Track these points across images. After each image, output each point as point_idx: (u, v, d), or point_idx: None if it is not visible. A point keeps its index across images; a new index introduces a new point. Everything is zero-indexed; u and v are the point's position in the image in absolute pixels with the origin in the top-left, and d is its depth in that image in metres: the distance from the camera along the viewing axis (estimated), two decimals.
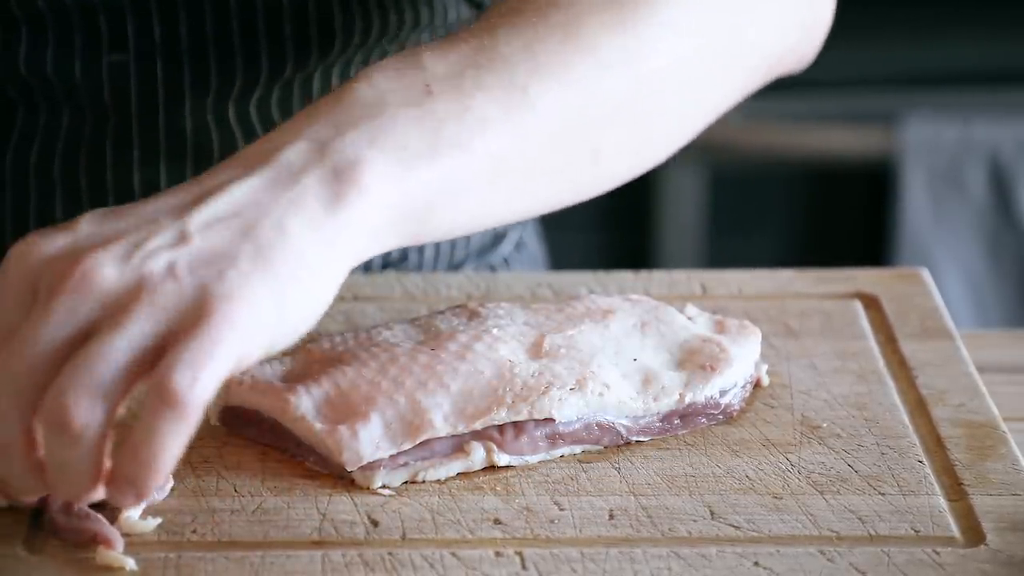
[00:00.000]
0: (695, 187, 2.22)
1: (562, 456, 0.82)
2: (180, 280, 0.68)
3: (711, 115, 0.87)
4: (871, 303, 0.97)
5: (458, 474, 0.80)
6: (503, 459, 0.80)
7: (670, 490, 0.79)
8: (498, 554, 0.74)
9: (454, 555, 0.74)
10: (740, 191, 2.28)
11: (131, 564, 0.73)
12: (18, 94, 1.01)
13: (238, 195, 0.71)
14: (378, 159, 0.73)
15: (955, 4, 2.21)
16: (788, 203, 2.30)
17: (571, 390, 0.81)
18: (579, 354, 0.84)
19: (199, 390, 0.67)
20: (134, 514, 0.76)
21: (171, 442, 0.68)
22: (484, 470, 0.80)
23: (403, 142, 0.74)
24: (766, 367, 0.89)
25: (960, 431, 0.84)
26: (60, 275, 0.68)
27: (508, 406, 0.80)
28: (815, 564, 0.73)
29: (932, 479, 0.80)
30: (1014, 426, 0.85)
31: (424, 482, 0.79)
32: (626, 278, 1.00)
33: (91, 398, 0.67)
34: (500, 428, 0.80)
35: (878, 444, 0.83)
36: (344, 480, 0.79)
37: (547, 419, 0.81)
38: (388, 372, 0.81)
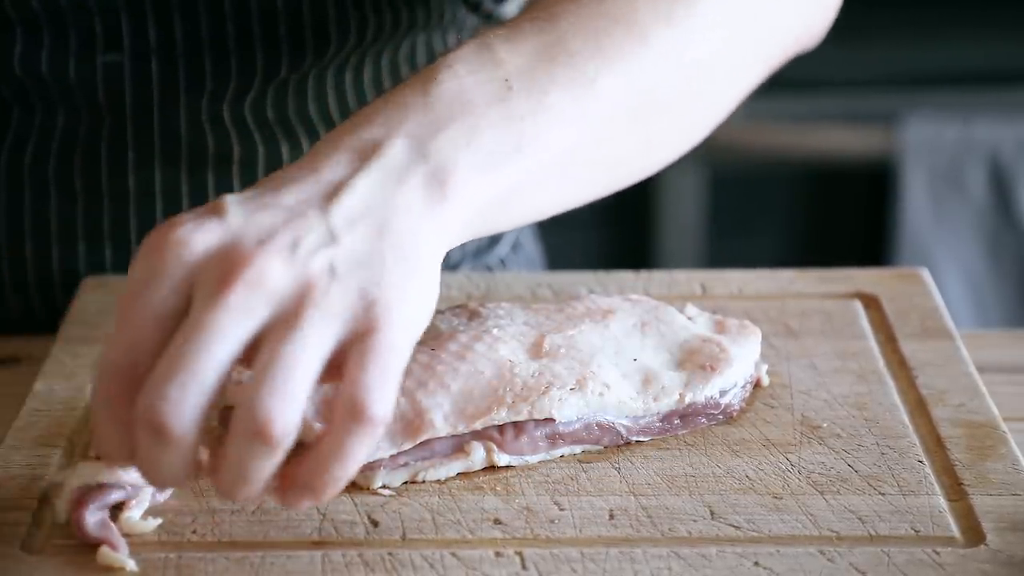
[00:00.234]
0: (695, 187, 2.22)
1: (562, 456, 0.82)
2: (342, 282, 0.69)
3: (739, 100, 0.90)
4: (871, 303, 0.97)
5: (458, 474, 0.80)
6: (503, 459, 0.80)
7: (670, 490, 0.79)
8: (498, 554, 0.74)
9: (454, 555, 0.74)
10: (740, 191, 2.28)
11: (132, 565, 0.73)
12: (13, 94, 1.01)
13: (364, 193, 0.72)
14: (470, 161, 0.75)
15: (955, 4, 2.21)
16: (788, 203, 2.30)
17: (571, 390, 0.81)
18: (579, 354, 0.84)
19: (389, 405, 0.69)
20: (134, 514, 0.76)
21: (361, 456, 0.69)
22: (484, 470, 0.80)
23: (490, 144, 0.76)
24: (766, 367, 0.89)
25: (960, 431, 0.84)
26: (229, 270, 0.68)
27: (508, 406, 0.80)
28: (815, 564, 0.73)
29: (932, 479, 0.80)
30: (1014, 426, 0.85)
31: (424, 482, 0.79)
32: (626, 278, 1.00)
33: (287, 405, 0.67)
34: (500, 428, 0.80)
35: (878, 444, 0.83)
36: None
37: (547, 419, 0.81)
38: None
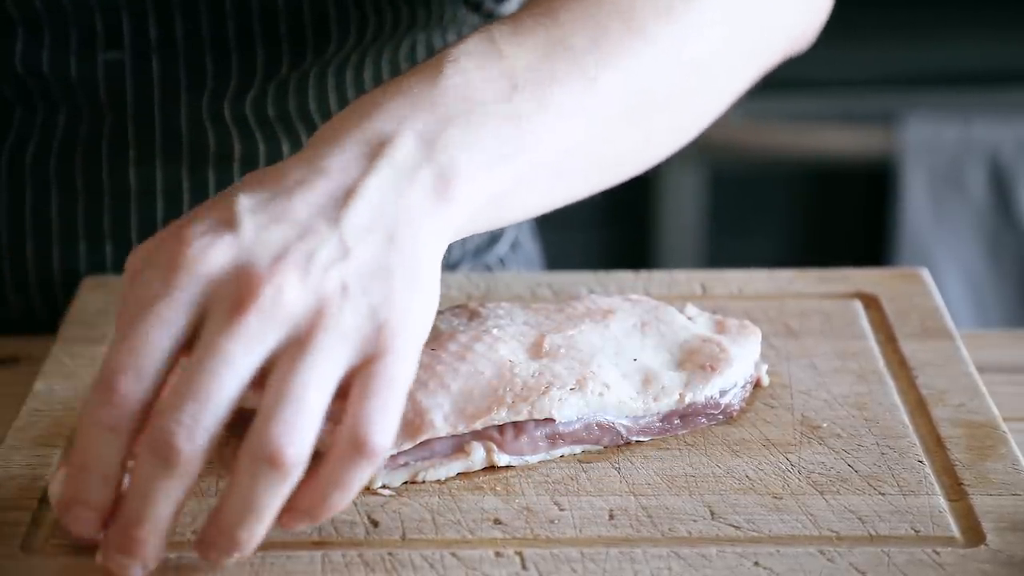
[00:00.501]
0: (695, 187, 2.22)
1: (562, 456, 0.82)
2: (354, 301, 0.69)
3: (735, 98, 0.91)
4: (871, 303, 0.97)
5: (458, 474, 0.80)
6: (503, 459, 0.80)
7: (670, 490, 0.79)
8: (498, 554, 0.74)
9: (454, 555, 0.74)
10: (740, 191, 2.28)
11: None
12: (15, 93, 1.01)
13: (373, 198, 0.72)
14: (474, 160, 0.75)
15: (955, 4, 2.21)
16: (788, 203, 2.30)
17: (571, 390, 0.81)
18: (579, 354, 0.84)
19: (390, 437, 0.69)
20: None
21: (359, 485, 0.70)
22: (484, 470, 0.80)
23: (495, 143, 0.76)
24: (766, 367, 0.89)
25: (960, 431, 0.84)
26: (244, 294, 0.68)
27: (508, 406, 0.80)
28: (815, 564, 0.73)
29: (932, 479, 0.80)
30: (1014, 426, 0.85)
31: (424, 482, 0.79)
32: (626, 278, 1.00)
33: (299, 433, 0.67)
34: (500, 428, 0.80)
35: (878, 444, 0.83)
36: None
37: (547, 419, 0.81)
38: None
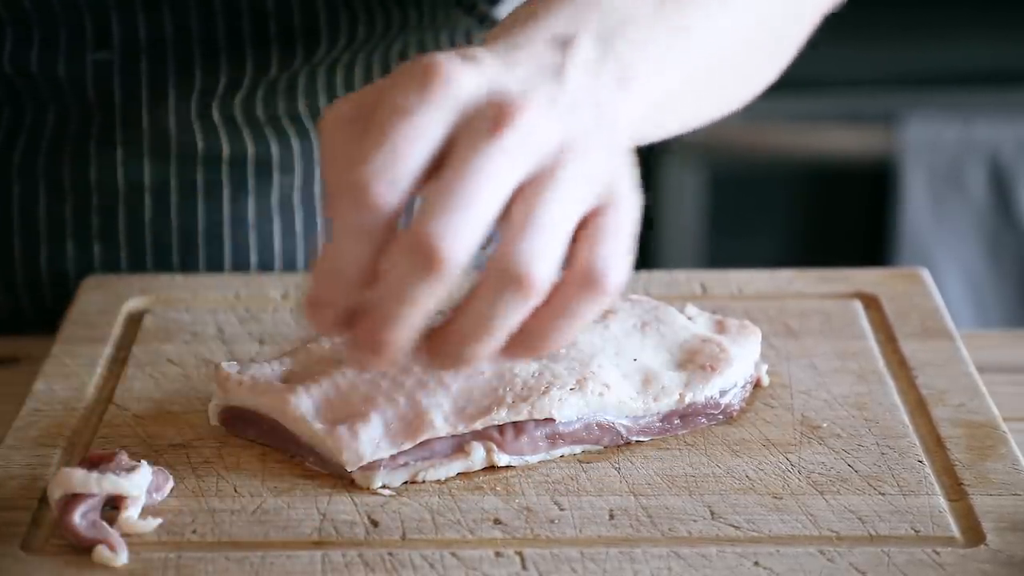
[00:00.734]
0: (695, 187, 2.21)
1: (562, 456, 0.82)
2: (596, 147, 0.70)
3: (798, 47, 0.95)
4: (871, 303, 0.97)
5: (458, 474, 0.80)
6: (503, 459, 0.80)
7: (670, 490, 0.79)
8: (498, 554, 0.74)
9: (454, 555, 0.74)
10: (740, 191, 2.27)
11: (123, 558, 0.74)
12: (3, 93, 1.01)
13: (578, 78, 0.73)
14: (648, 58, 0.77)
15: (955, 4, 2.21)
16: (788, 203, 2.30)
17: (571, 390, 0.81)
18: (579, 354, 0.84)
19: (622, 277, 0.70)
20: (133, 514, 0.76)
21: (587, 319, 0.70)
22: (484, 470, 0.80)
23: (661, 46, 0.78)
24: (766, 367, 0.89)
25: (960, 431, 0.84)
26: (502, 114, 0.69)
27: (508, 406, 0.80)
28: (815, 564, 0.73)
29: (932, 479, 0.80)
30: (1014, 426, 0.85)
31: (424, 482, 0.79)
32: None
33: (545, 258, 0.68)
34: (500, 428, 0.80)
35: (878, 444, 0.83)
36: (344, 480, 0.79)
37: (547, 419, 0.81)
38: (388, 372, 0.81)
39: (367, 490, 0.79)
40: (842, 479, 0.80)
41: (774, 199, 2.29)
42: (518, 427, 0.81)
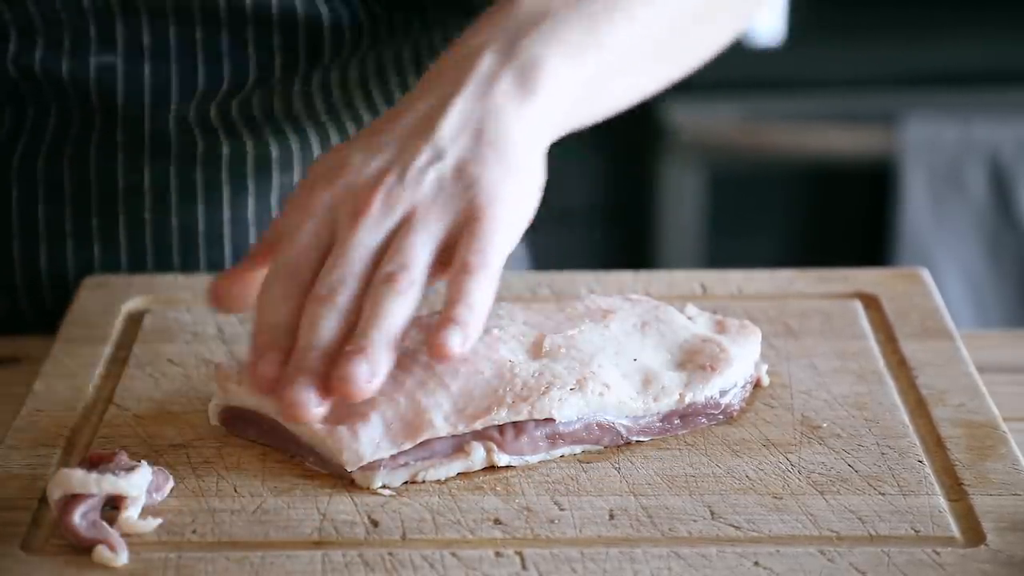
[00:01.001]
0: (695, 187, 2.21)
1: (562, 456, 0.82)
2: (449, 187, 0.81)
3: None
4: (871, 303, 0.97)
5: (458, 474, 0.80)
6: (503, 459, 0.80)
7: (670, 490, 0.79)
8: (498, 554, 0.74)
9: (454, 555, 0.74)
10: (740, 191, 2.27)
11: (123, 558, 0.74)
12: (5, 95, 1.01)
13: (462, 109, 0.84)
14: (555, 52, 0.86)
15: (955, 4, 2.21)
16: (788, 203, 2.30)
17: (571, 390, 0.81)
18: (579, 354, 0.84)
19: (492, 256, 0.79)
20: (133, 514, 0.76)
21: (484, 298, 0.79)
22: (484, 470, 0.80)
23: (572, 38, 0.87)
24: (766, 367, 0.89)
25: (960, 431, 0.84)
26: (358, 207, 0.81)
27: (508, 406, 0.80)
28: (815, 564, 0.73)
29: (932, 479, 0.80)
30: (1014, 426, 0.85)
31: (424, 482, 0.79)
32: (626, 278, 1.00)
33: (410, 266, 0.79)
34: (500, 428, 0.80)
35: (878, 444, 0.83)
36: (344, 480, 0.79)
37: (547, 419, 0.81)
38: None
39: (367, 490, 0.79)
40: (842, 479, 0.80)
41: (774, 199, 2.29)
42: (518, 427, 0.81)
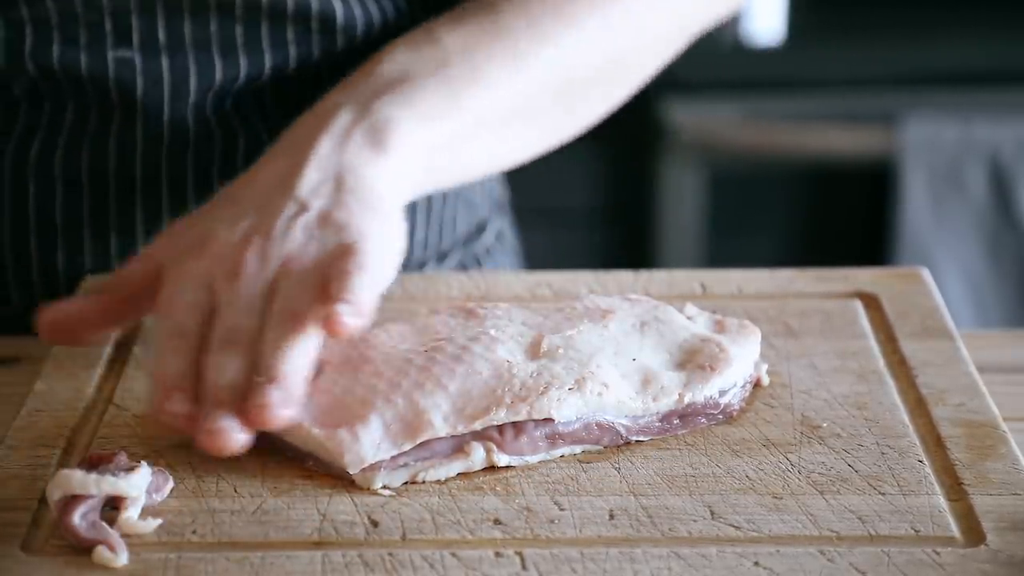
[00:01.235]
0: (695, 187, 2.21)
1: (562, 456, 0.82)
2: (317, 236, 0.84)
3: (662, 66, 1.05)
4: (871, 303, 0.97)
5: (458, 474, 0.80)
6: (503, 459, 0.80)
7: (670, 490, 0.79)
8: (498, 554, 0.74)
9: (454, 555, 0.74)
10: (740, 191, 2.27)
11: (123, 559, 0.74)
12: (24, 91, 1.01)
13: (319, 163, 0.88)
14: (408, 115, 0.90)
15: (955, 4, 2.21)
16: (788, 203, 2.30)
17: (570, 390, 0.81)
18: (578, 354, 0.84)
19: (360, 289, 0.81)
20: (133, 514, 0.76)
21: (371, 292, 0.82)
22: (484, 470, 0.80)
23: (427, 104, 0.91)
24: (766, 367, 0.89)
25: (960, 431, 0.84)
26: (233, 270, 0.83)
27: (507, 406, 0.80)
28: (815, 564, 0.73)
29: (932, 479, 0.80)
30: (1014, 426, 0.85)
31: (424, 482, 0.79)
32: (626, 278, 1.00)
33: (297, 308, 0.81)
34: (500, 428, 0.80)
35: (878, 444, 0.83)
36: (344, 480, 0.79)
37: (546, 419, 0.81)
38: (384, 374, 0.81)
39: (367, 490, 0.79)
40: (842, 479, 0.80)
41: (774, 199, 2.29)
42: (518, 427, 0.81)
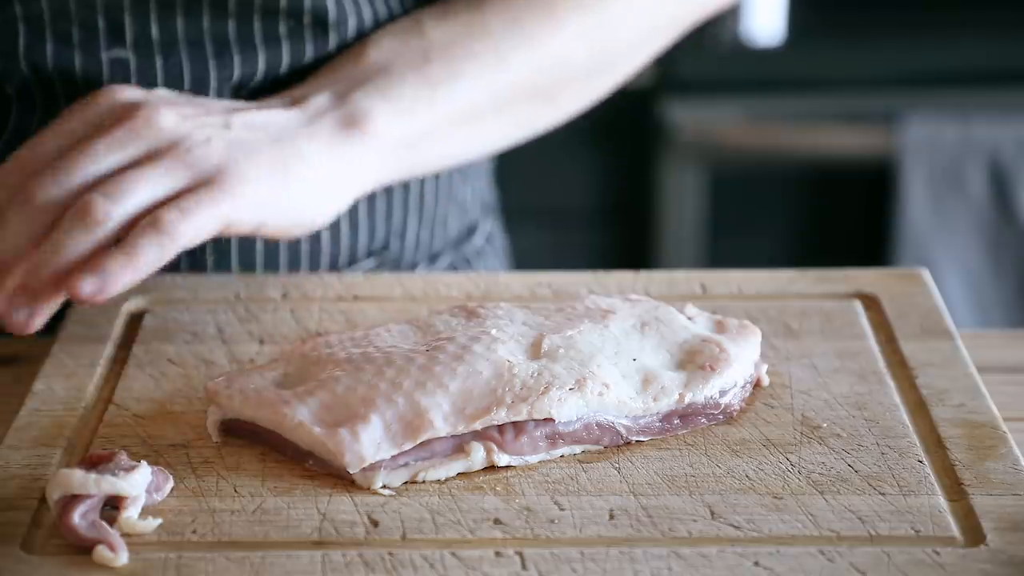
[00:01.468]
0: (695, 187, 2.22)
1: (562, 456, 0.82)
2: (211, 149, 0.88)
3: (644, 65, 1.09)
4: (871, 303, 0.97)
5: (458, 474, 0.80)
6: (503, 459, 0.80)
7: (670, 490, 0.79)
8: (498, 554, 0.74)
9: (454, 555, 0.74)
10: (740, 191, 2.27)
11: (124, 558, 0.74)
12: (16, 92, 1.01)
13: (276, 117, 0.93)
14: (384, 108, 0.94)
15: (955, 4, 2.21)
16: (788, 203, 2.30)
17: (570, 390, 0.81)
18: (578, 354, 0.84)
19: (181, 227, 0.86)
20: (133, 514, 0.76)
21: (146, 261, 0.85)
22: (484, 470, 0.80)
23: (404, 97, 0.95)
24: (766, 367, 0.89)
25: (960, 431, 0.84)
26: (127, 113, 0.89)
27: (507, 406, 0.80)
28: (815, 564, 0.73)
29: (932, 479, 0.80)
30: (1014, 426, 0.85)
31: (424, 482, 0.79)
32: (626, 278, 1.00)
33: (113, 203, 0.86)
34: (500, 428, 0.80)
35: (878, 444, 0.83)
36: (344, 480, 0.79)
37: (547, 419, 0.81)
38: (385, 374, 0.81)
39: (367, 490, 0.79)
40: (842, 479, 0.80)
41: (774, 199, 2.29)
42: (518, 427, 0.81)
